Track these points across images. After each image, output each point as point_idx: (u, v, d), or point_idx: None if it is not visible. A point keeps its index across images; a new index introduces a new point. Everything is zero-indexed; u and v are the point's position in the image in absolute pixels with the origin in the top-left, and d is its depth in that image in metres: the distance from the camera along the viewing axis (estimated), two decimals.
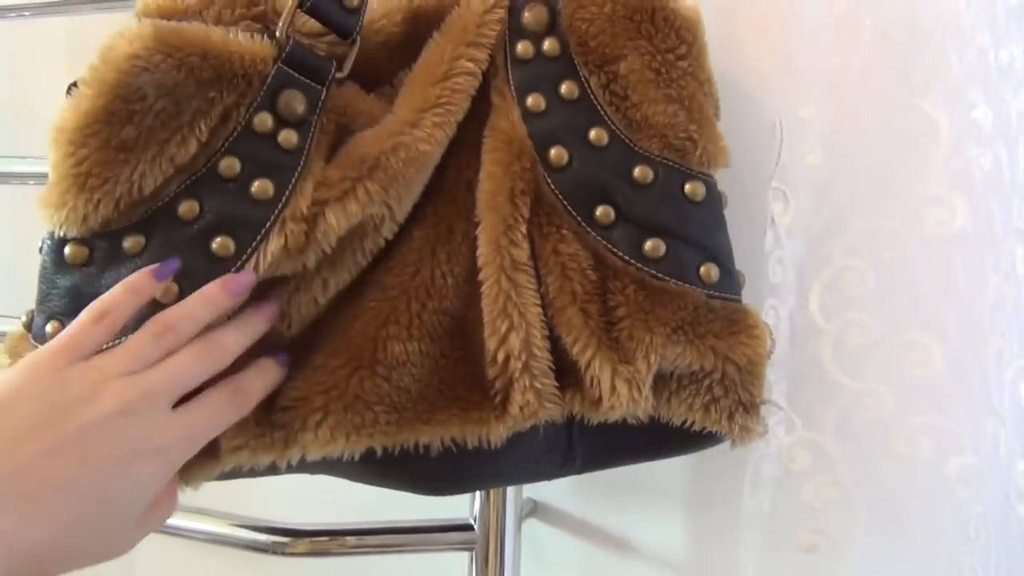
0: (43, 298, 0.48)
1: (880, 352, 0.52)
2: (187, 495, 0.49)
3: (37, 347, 0.48)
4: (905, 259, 0.51)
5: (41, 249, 0.48)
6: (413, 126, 0.49)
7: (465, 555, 0.66)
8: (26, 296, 0.49)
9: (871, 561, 0.53)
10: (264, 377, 0.47)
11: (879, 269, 0.52)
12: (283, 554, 0.66)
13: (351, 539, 0.66)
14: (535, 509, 0.72)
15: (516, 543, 0.66)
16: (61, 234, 0.47)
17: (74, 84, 0.47)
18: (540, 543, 0.71)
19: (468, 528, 0.66)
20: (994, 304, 0.50)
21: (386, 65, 0.55)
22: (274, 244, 0.46)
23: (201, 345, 0.45)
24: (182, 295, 0.46)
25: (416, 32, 0.56)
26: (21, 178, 0.76)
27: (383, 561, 0.74)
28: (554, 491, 0.71)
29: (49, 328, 0.47)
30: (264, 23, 0.51)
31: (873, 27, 0.49)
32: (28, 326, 0.48)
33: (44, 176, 0.80)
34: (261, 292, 0.48)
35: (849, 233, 0.52)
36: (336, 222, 0.47)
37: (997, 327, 0.50)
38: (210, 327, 0.46)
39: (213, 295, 0.45)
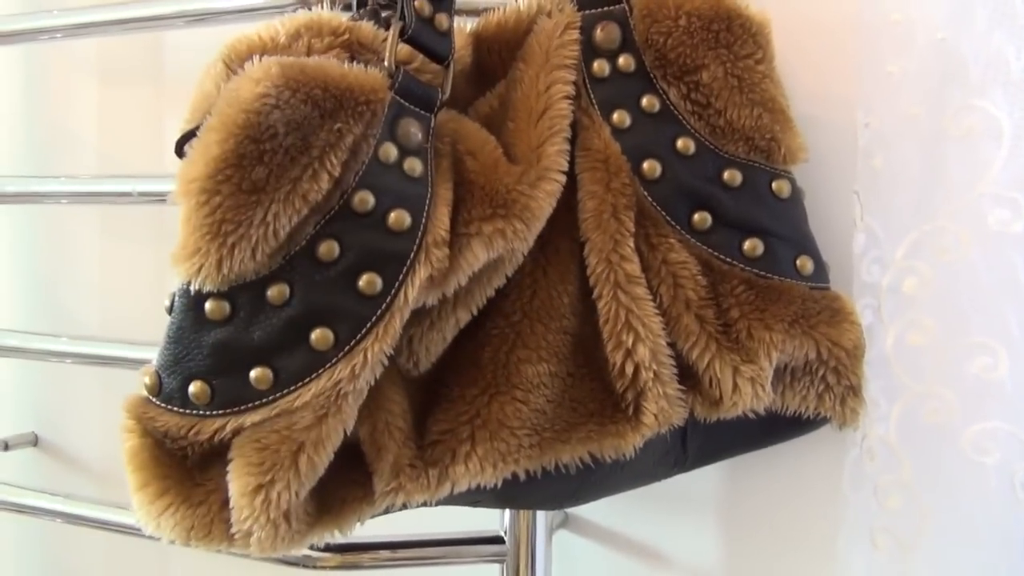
0: (179, 358, 0.45)
1: (942, 354, 0.53)
2: None
3: (171, 410, 0.46)
4: (966, 260, 0.52)
5: (170, 309, 0.46)
6: (539, 159, 0.50)
7: (496, 567, 0.67)
8: (57, 313, 0.46)
9: (937, 566, 0.54)
10: None
11: (940, 270, 0.53)
12: (314, 567, 0.65)
13: (383, 552, 0.65)
14: (566, 520, 0.73)
15: (547, 555, 0.67)
16: (198, 288, 0.45)
17: (191, 133, 0.45)
18: (572, 555, 0.72)
19: (499, 541, 0.66)
20: None
21: (463, 94, 0.55)
22: (421, 273, 0.46)
23: None
24: (337, 341, 0.45)
25: (479, 60, 0.57)
26: (55, 197, 0.74)
27: (413, 573, 0.74)
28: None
29: (193, 388, 0.45)
30: (350, 51, 0.50)
31: (926, 30, 0.53)
32: (155, 389, 0.46)
33: (76, 195, 0.78)
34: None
35: (911, 234, 0.54)
36: (480, 255, 0.47)
37: None
38: None
39: None
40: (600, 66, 0.55)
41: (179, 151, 0.48)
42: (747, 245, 0.53)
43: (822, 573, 0.62)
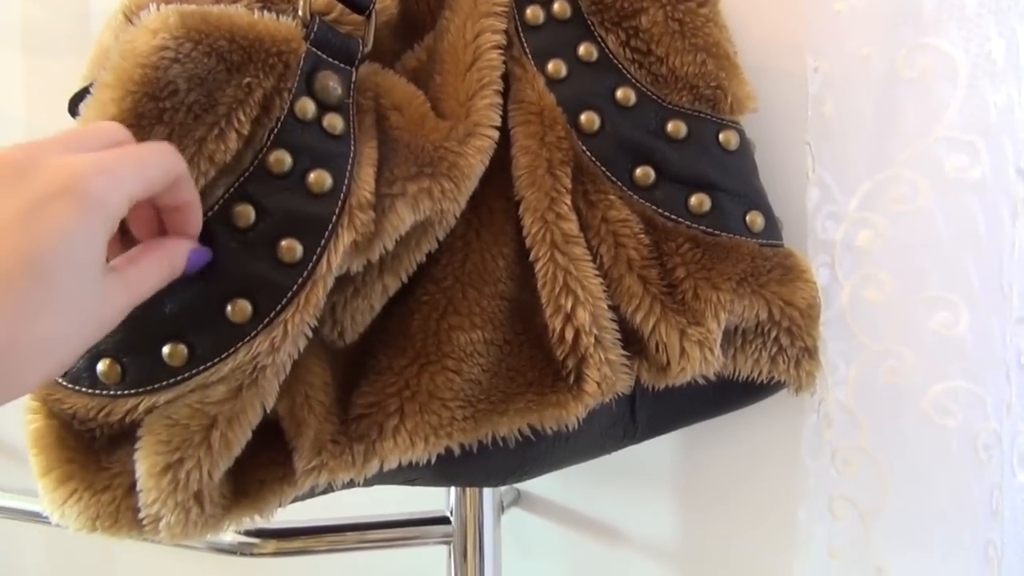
0: None
1: (900, 311, 0.51)
2: None
3: (79, 391, 0.42)
4: (923, 210, 0.50)
5: None
6: (468, 113, 0.47)
7: (443, 549, 0.64)
8: None
9: (899, 533, 0.52)
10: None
11: (896, 221, 0.51)
12: (251, 555, 0.61)
13: (322, 537, 0.62)
14: (519, 498, 0.70)
15: (496, 534, 0.64)
16: None
17: (84, 91, 0.41)
18: (525, 533, 0.70)
19: (445, 521, 0.63)
20: (1008, 254, 0.49)
21: (390, 47, 0.52)
22: (345, 238, 0.42)
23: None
24: (256, 313, 0.41)
25: (406, 10, 0.53)
26: None
27: (356, 559, 0.71)
28: (538, 479, 0.70)
29: (101, 367, 0.41)
30: (264, 2, 0.47)
31: None
32: None
33: None
34: None
35: (864, 184, 0.52)
36: (405, 217, 0.44)
37: (1014, 279, 0.50)
38: None
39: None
40: (533, 12, 0.51)
41: (72, 110, 0.44)
42: (693, 201, 0.50)
43: (783, 544, 0.59)
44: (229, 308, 0.42)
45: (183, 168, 0.39)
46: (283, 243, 0.42)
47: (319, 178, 0.43)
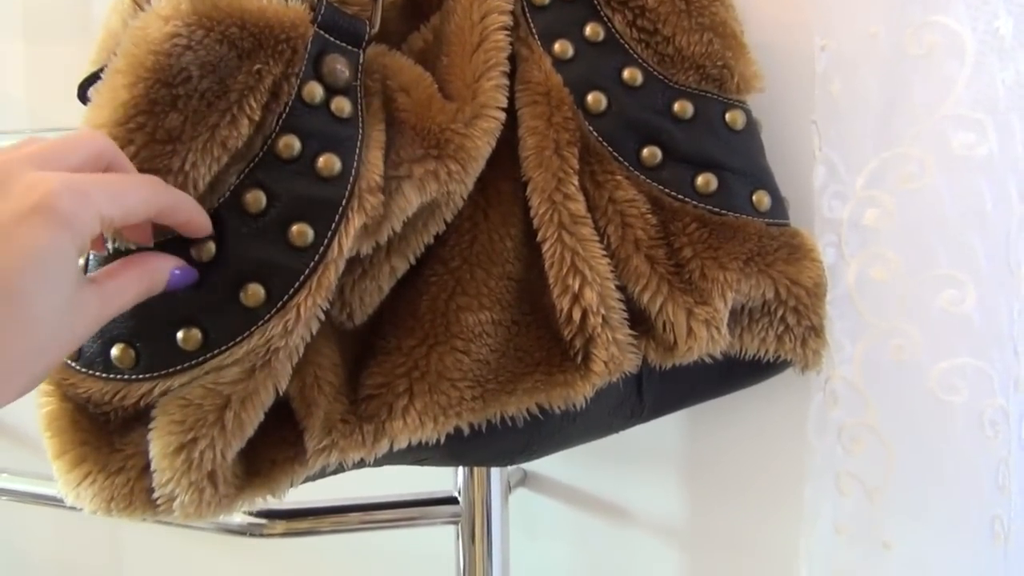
0: None
1: (907, 289, 0.51)
2: None
3: (93, 376, 0.42)
4: (930, 188, 0.50)
5: (85, 268, 0.42)
6: (475, 95, 0.47)
7: (451, 529, 0.64)
8: None
9: (905, 510, 0.52)
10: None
11: (903, 200, 0.51)
12: (260, 536, 0.62)
13: (330, 518, 0.62)
14: (525, 478, 0.71)
15: (503, 515, 0.64)
16: (114, 247, 0.41)
17: (94, 76, 0.41)
18: (532, 512, 0.70)
19: (453, 501, 0.64)
20: (1016, 231, 0.50)
21: (397, 28, 0.52)
22: (355, 222, 0.43)
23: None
24: (270, 297, 0.42)
25: None
26: None
27: (364, 539, 0.71)
28: (544, 459, 0.70)
29: (115, 352, 0.41)
30: None
31: None
32: (74, 354, 0.42)
33: None
34: None
35: (871, 162, 0.51)
36: (412, 199, 0.44)
37: (1021, 256, 0.50)
38: None
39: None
40: None
41: (82, 96, 0.44)
42: (700, 180, 0.50)
43: (789, 522, 0.60)
44: (243, 293, 0.42)
45: (171, 200, 0.39)
46: (294, 228, 0.42)
47: (328, 162, 0.43)
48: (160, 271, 0.40)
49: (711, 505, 0.64)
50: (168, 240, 0.42)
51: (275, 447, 0.45)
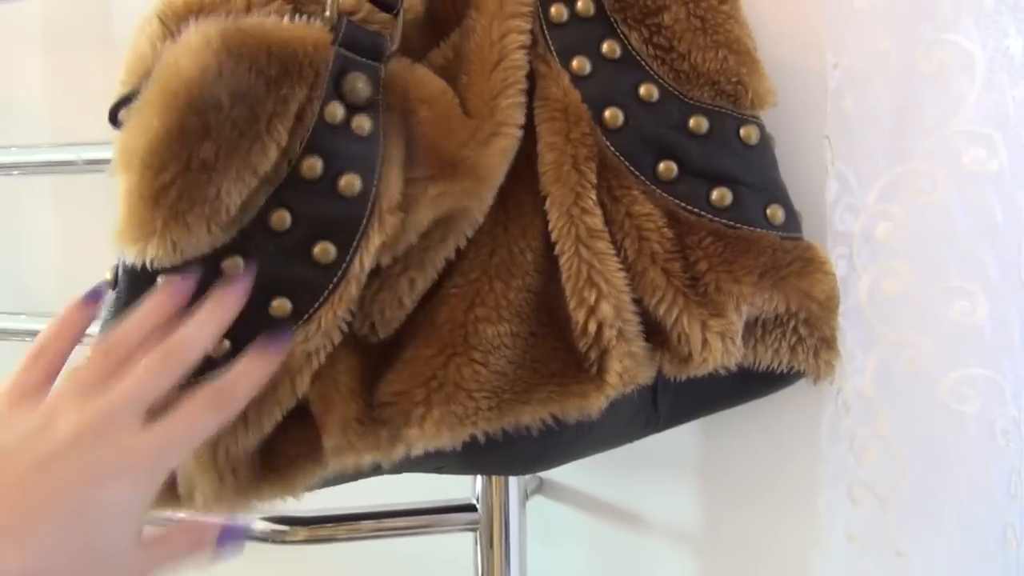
0: None
1: (919, 301, 0.52)
2: None
3: None
4: (941, 202, 0.50)
5: (114, 283, 0.43)
6: (493, 112, 0.48)
7: (469, 536, 0.65)
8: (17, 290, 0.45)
9: (917, 519, 0.52)
10: (250, 375, 0.42)
11: (914, 213, 0.51)
12: (282, 542, 0.63)
13: (350, 524, 0.64)
14: (541, 486, 0.71)
15: (521, 522, 0.65)
16: (150, 266, 0.43)
17: (126, 99, 0.42)
18: (548, 520, 0.71)
19: (471, 509, 0.65)
20: None
21: (417, 45, 0.53)
22: (375, 240, 0.44)
23: (161, 350, 0.41)
24: (296, 310, 0.43)
25: (432, 7, 0.54)
26: (5, 169, 0.71)
27: (384, 546, 0.72)
28: (560, 467, 0.71)
29: None
30: (294, 3, 0.48)
31: None
32: None
33: (29, 165, 0.75)
34: None
35: (883, 177, 0.52)
36: (427, 215, 0.46)
37: None
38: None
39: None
40: (558, 11, 0.52)
41: (113, 119, 0.46)
42: (715, 195, 0.51)
43: (802, 531, 0.60)
44: (272, 306, 0.44)
45: (228, 416, 0.42)
46: (318, 246, 0.45)
47: (349, 182, 0.45)
48: (208, 536, 0.43)
49: (725, 513, 0.65)
50: (200, 258, 0.43)
51: (293, 445, 0.47)
